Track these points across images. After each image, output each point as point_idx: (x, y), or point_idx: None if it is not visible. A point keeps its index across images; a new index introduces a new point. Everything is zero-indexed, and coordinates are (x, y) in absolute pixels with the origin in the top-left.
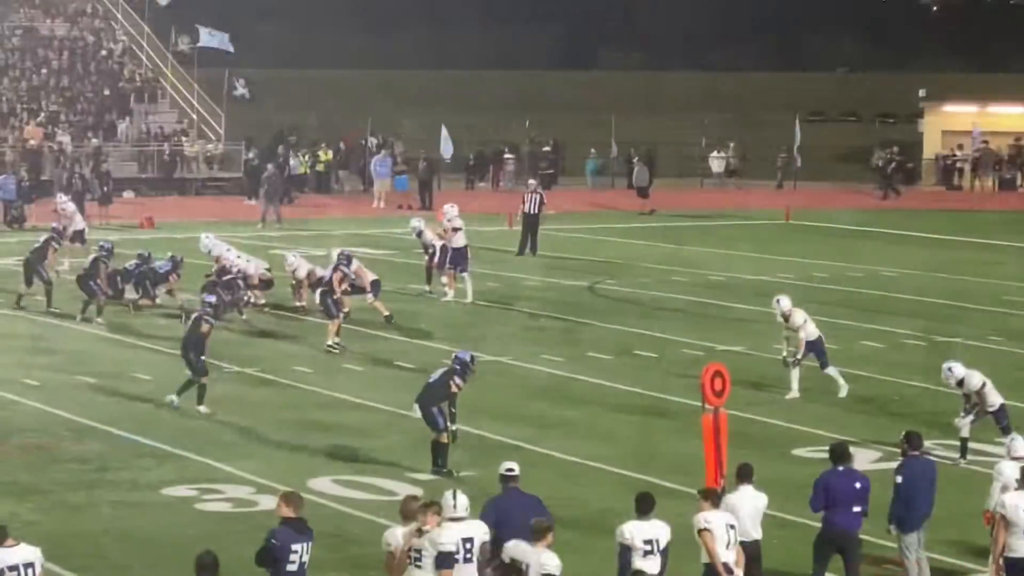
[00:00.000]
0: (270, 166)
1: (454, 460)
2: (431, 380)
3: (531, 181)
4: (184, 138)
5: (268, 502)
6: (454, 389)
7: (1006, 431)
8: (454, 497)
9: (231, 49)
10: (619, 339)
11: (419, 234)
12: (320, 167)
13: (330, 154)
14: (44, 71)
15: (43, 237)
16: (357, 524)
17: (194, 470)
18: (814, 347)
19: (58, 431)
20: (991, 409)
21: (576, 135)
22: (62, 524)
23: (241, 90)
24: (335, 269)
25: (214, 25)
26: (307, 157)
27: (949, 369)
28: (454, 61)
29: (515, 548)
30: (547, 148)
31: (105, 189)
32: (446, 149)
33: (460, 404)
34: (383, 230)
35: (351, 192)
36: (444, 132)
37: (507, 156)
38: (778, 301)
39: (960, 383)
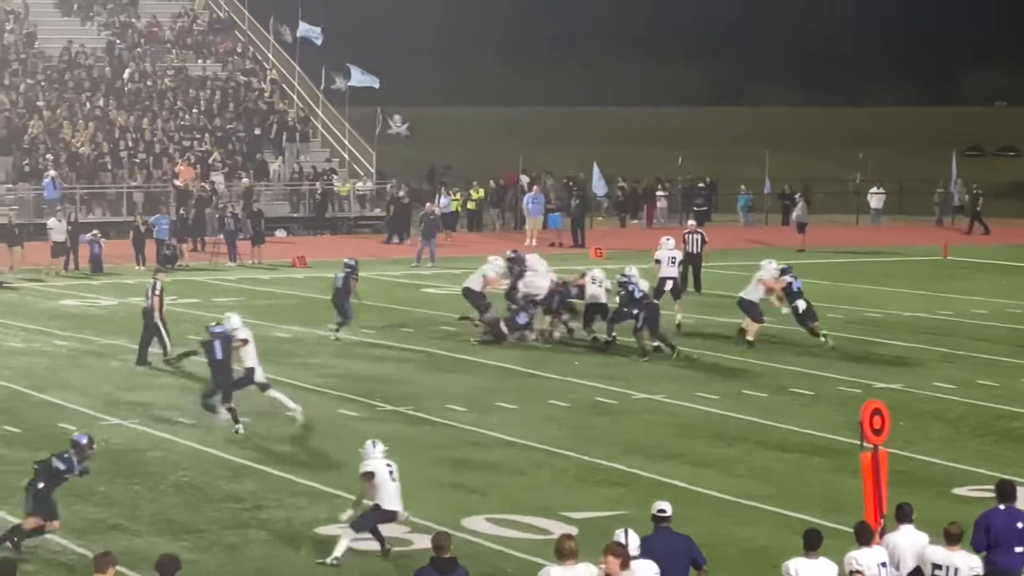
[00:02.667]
0: (428, 205)
1: (610, 497)
2: None
3: (690, 221)
4: (335, 176)
5: (422, 541)
6: None
7: None
8: (626, 535)
9: (376, 86)
10: (775, 376)
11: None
12: (472, 205)
13: (482, 192)
14: (195, 111)
15: (341, 274)
16: (512, 563)
17: (346, 508)
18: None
19: (212, 470)
20: None
21: (729, 171)
22: (217, 563)
23: (397, 128)
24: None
25: (365, 63)
26: (459, 195)
27: None
28: (606, 98)
29: None
30: (701, 185)
31: (257, 228)
32: (599, 186)
33: (615, 440)
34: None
35: (503, 230)
36: (596, 169)
37: (659, 193)
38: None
39: None
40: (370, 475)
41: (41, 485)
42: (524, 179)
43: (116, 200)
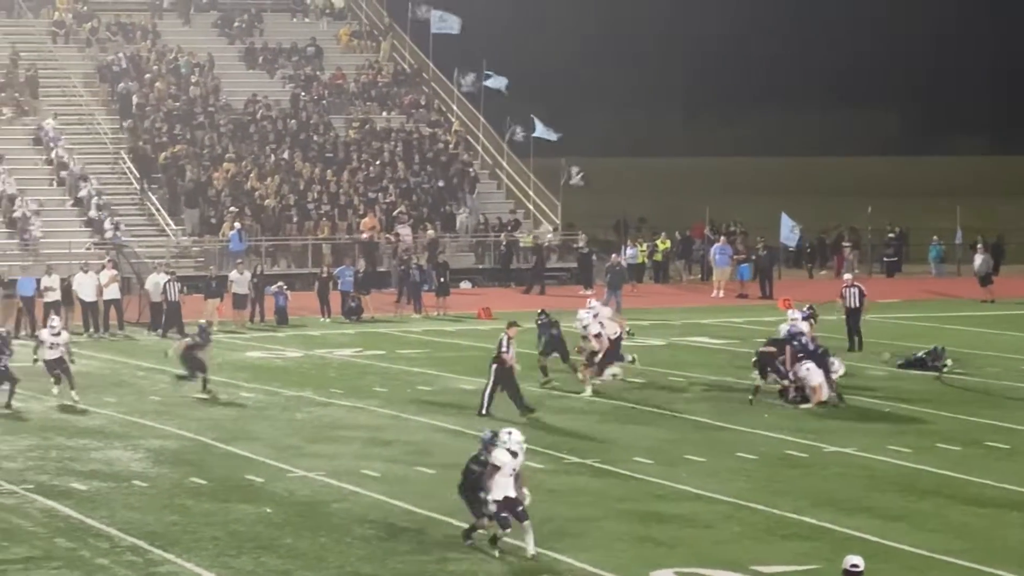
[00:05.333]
0: (614, 256)
1: (800, 551)
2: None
3: (846, 276)
4: (520, 228)
5: None
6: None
7: None
8: None
9: (555, 138)
10: (968, 429)
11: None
12: (658, 256)
13: (668, 243)
14: (379, 163)
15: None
16: None
17: (531, 562)
18: None
19: (398, 522)
20: None
21: (920, 221)
22: None
23: (575, 178)
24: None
25: (549, 114)
26: (645, 246)
27: None
28: (792, 148)
29: None
30: (891, 235)
31: (442, 280)
32: (789, 237)
33: (804, 493)
34: (722, 319)
35: (690, 281)
36: (785, 219)
37: (845, 244)
38: None
39: None
40: (497, 468)
41: None
42: (710, 230)
43: (301, 252)
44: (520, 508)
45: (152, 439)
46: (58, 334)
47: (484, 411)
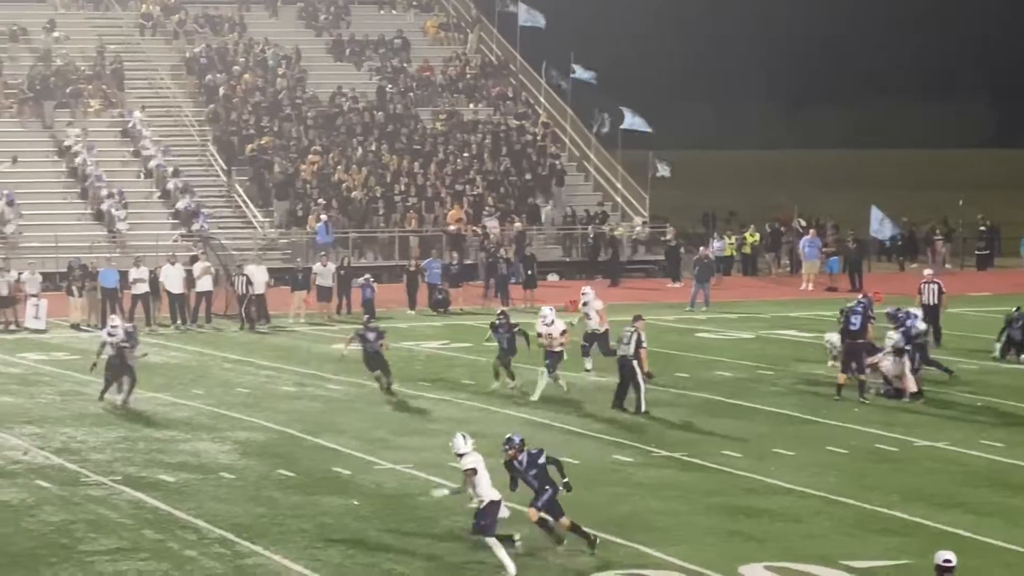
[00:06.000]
0: (702, 249)
1: (891, 546)
2: None
3: (927, 271)
4: (607, 221)
5: None
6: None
7: None
8: None
9: (648, 130)
10: None
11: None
12: (747, 249)
13: (757, 236)
14: (467, 155)
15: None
16: None
17: (623, 555)
18: None
19: None
20: None
21: (1013, 215)
22: None
23: (662, 171)
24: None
25: (636, 106)
26: (733, 239)
27: None
28: (881, 140)
29: None
30: (983, 228)
31: (530, 273)
32: (880, 230)
33: (896, 488)
34: (811, 312)
35: (779, 274)
36: (875, 212)
37: (936, 237)
38: None
39: None
40: (474, 471)
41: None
42: (800, 222)
43: (388, 244)
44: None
45: (240, 431)
46: (113, 333)
47: (638, 410)
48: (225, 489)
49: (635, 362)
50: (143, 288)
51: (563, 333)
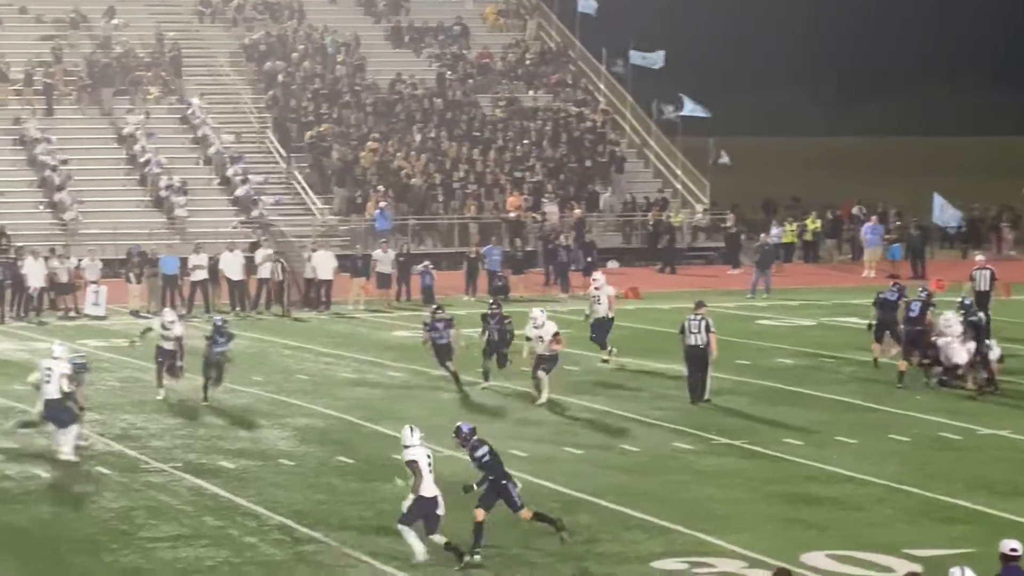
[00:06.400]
0: (763, 236)
1: (954, 534)
2: None
3: (979, 257)
4: (668, 208)
5: None
6: None
7: None
8: (962, 573)
9: (707, 116)
10: None
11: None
12: (808, 236)
13: (818, 223)
14: (526, 142)
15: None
16: None
17: (684, 543)
18: None
19: (546, 502)
20: None
21: None
22: None
23: (723, 158)
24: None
25: (697, 93)
26: (794, 225)
27: None
28: (943, 127)
29: None
30: None
31: (589, 259)
32: (942, 217)
33: (959, 476)
34: (872, 299)
35: (840, 261)
36: (938, 199)
37: (1003, 223)
38: None
39: None
40: (415, 463)
41: None
42: (861, 209)
43: (447, 231)
44: (437, 513)
45: (299, 418)
46: (170, 328)
47: (701, 397)
48: (284, 476)
49: (705, 350)
50: (202, 275)
51: (555, 336)
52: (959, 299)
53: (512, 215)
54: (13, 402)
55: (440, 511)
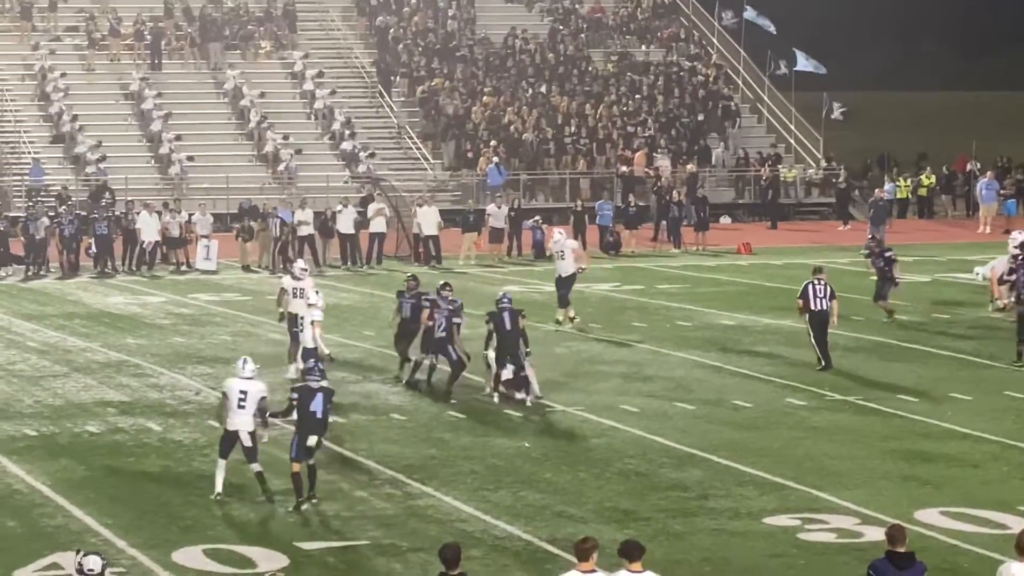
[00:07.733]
0: (876, 191)
1: None
2: None
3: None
4: (781, 163)
5: (874, 533)
6: None
7: None
8: None
9: (822, 71)
10: None
11: None
12: (922, 191)
13: (933, 178)
14: (638, 97)
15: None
16: (968, 558)
17: (796, 499)
18: None
19: (657, 458)
20: None
21: None
22: (663, 551)
23: (836, 113)
24: None
25: (811, 48)
26: (908, 181)
27: None
28: None
29: None
30: None
31: (702, 215)
32: None
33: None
34: (988, 255)
35: (956, 217)
36: None
37: None
38: None
39: None
40: (223, 395)
41: None
42: (976, 164)
43: (559, 186)
44: (234, 445)
45: None
46: (301, 278)
47: (824, 364)
48: (396, 431)
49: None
50: (308, 230)
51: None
52: None
53: (625, 170)
54: (126, 356)
55: (248, 443)
